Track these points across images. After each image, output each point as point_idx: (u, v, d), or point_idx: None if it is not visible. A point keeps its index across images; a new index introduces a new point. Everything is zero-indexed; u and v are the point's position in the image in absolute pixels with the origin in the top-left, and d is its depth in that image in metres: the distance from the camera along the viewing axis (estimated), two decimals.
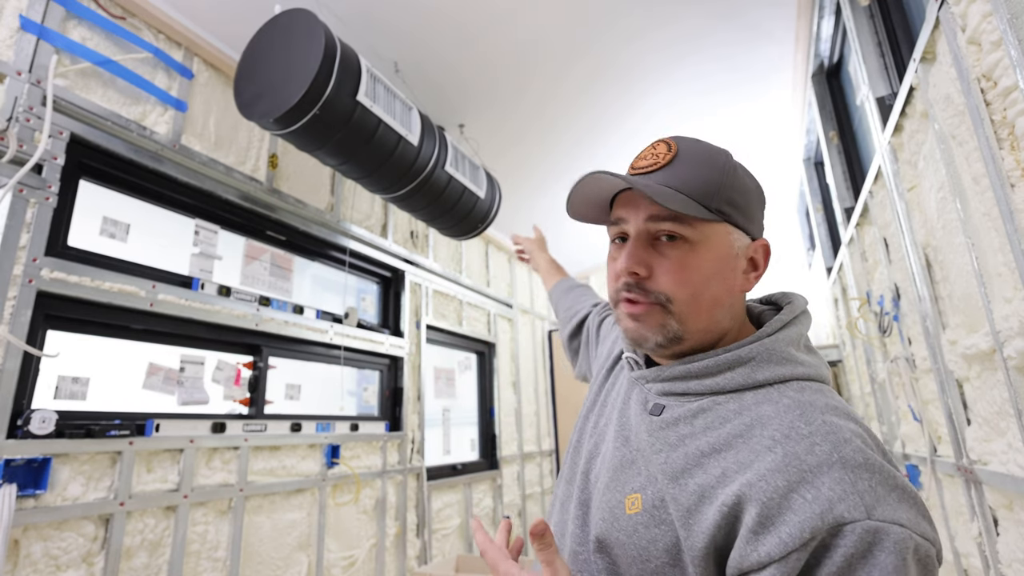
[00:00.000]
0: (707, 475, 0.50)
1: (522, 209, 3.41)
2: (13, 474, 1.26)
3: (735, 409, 0.54)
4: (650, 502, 0.53)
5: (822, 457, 0.46)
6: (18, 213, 1.35)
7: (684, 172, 0.57)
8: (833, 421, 0.49)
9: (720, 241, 0.57)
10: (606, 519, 0.56)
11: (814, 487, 0.45)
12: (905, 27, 1.42)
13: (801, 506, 0.44)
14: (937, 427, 1.42)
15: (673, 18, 1.91)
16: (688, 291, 0.56)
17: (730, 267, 0.58)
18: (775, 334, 0.57)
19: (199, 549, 1.64)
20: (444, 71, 2.13)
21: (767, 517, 0.45)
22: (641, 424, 0.59)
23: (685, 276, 0.56)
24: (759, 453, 0.48)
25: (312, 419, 2.10)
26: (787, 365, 0.56)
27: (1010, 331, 0.86)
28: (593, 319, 0.98)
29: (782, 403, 0.52)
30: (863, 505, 0.43)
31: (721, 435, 0.52)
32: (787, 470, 0.46)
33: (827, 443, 0.47)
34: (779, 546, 0.43)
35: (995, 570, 1.07)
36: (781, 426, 0.50)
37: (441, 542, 2.75)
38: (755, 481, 0.47)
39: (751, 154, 2.93)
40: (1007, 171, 0.79)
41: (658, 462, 0.54)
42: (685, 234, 0.56)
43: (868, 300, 1.90)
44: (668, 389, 0.59)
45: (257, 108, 1.57)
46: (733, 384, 0.55)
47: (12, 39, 1.40)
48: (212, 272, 1.85)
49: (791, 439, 0.48)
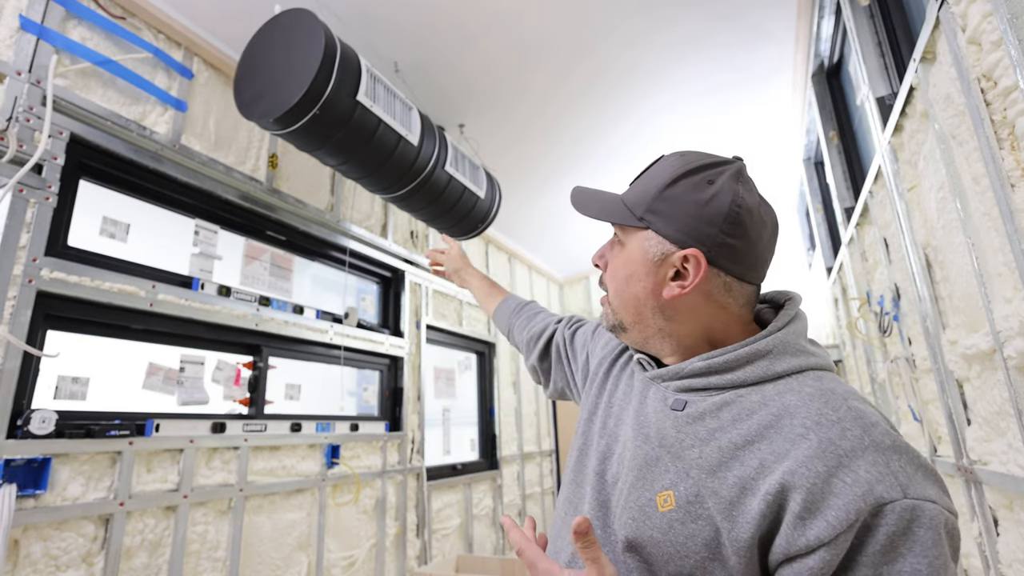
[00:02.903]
0: (745, 467, 0.52)
1: (522, 209, 3.40)
2: (13, 474, 1.26)
3: (759, 401, 0.56)
4: (684, 498, 0.54)
5: (855, 441, 0.49)
6: (18, 213, 1.35)
7: (640, 182, 0.65)
8: (857, 407, 0.52)
9: (636, 247, 0.64)
10: (636, 518, 0.56)
11: (852, 471, 0.47)
12: (905, 27, 1.42)
13: (843, 490, 0.46)
14: (937, 427, 1.42)
15: (674, 19, 1.91)
16: (613, 285, 0.67)
17: (646, 271, 0.63)
18: (786, 327, 0.60)
19: (199, 549, 1.64)
20: (444, 71, 2.13)
21: (812, 503, 0.47)
22: (665, 420, 0.60)
23: (612, 272, 0.67)
24: (794, 441, 0.50)
25: (312, 419, 2.10)
26: (802, 356, 0.58)
27: (1010, 331, 0.86)
28: (561, 335, 0.97)
29: (804, 392, 0.54)
30: (899, 485, 0.46)
31: (751, 427, 0.54)
32: (824, 456, 0.48)
33: (857, 427, 0.50)
34: (827, 529, 0.45)
35: (995, 570, 1.07)
36: (810, 414, 0.52)
37: (441, 542, 2.75)
38: (796, 468, 0.48)
39: (751, 154, 2.93)
40: (1007, 171, 0.79)
41: (691, 457, 0.55)
42: (620, 237, 0.66)
43: (868, 300, 1.90)
44: (688, 385, 0.61)
45: (257, 108, 1.57)
46: (754, 377, 0.57)
47: (12, 39, 1.40)
48: (212, 272, 1.85)
49: (822, 426, 0.50)
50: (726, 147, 2.84)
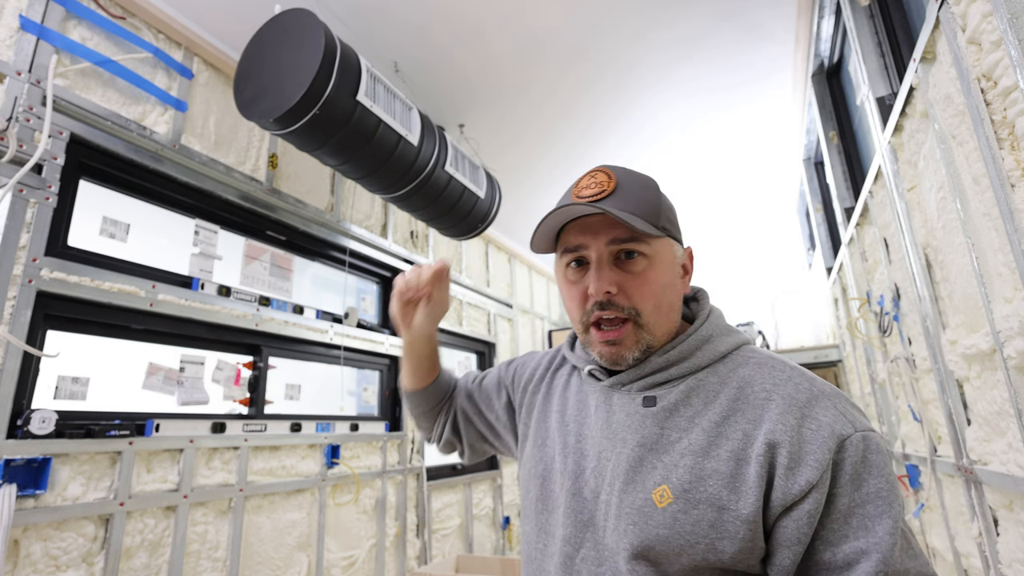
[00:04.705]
0: (731, 441, 0.57)
1: (522, 209, 3.40)
2: (13, 474, 1.26)
3: (717, 381, 0.62)
4: (680, 487, 0.56)
5: (807, 393, 0.58)
6: (18, 213, 1.35)
7: (631, 196, 0.64)
8: (792, 365, 0.62)
9: (667, 253, 0.66)
10: (637, 522, 0.57)
11: (814, 418, 0.56)
12: (905, 27, 1.42)
13: (812, 436, 0.54)
14: (937, 427, 1.42)
15: (674, 19, 1.91)
16: (652, 302, 0.63)
17: (675, 274, 0.67)
18: (713, 314, 0.68)
19: (199, 549, 1.64)
20: (444, 71, 2.13)
21: (794, 452, 0.54)
22: (644, 420, 0.62)
23: (648, 288, 0.63)
24: (762, 406, 0.58)
25: (312, 419, 2.10)
26: (733, 335, 0.67)
27: (1010, 331, 0.86)
28: (464, 392, 0.91)
29: (751, 363, 0.63)
30: (848, 422, 0.55)
31: (722, 404, 0.60)
32: (791, 409, 0.56)
33: (804, 381, 0.59)
34: (814, 471, 0.53)
35: (995, 570, 1.07)
36: (765, 380, 0.60)
37: (441, 542, 2.75)
38: (774, 427, 0.56)
39: (751, 154, 2.93)
40: (1007, 171, 0.79)
41: (682, 447, 0.59)
42: (644, 251, 0.63)
43: (868, 300, 1.90)
44: (652, 382, 0.64)
45: (257, 108, 1.57)
46: (706, 359, 0.64)
47: (12, 39, 1.40)
48: (212, 272, 1.85)
49: (779, 385, 0.59)
50: (726, 147, 2.84)
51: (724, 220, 3.77)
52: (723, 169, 3.08)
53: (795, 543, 0.53)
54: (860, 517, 0.52)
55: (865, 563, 0.51)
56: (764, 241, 4.16)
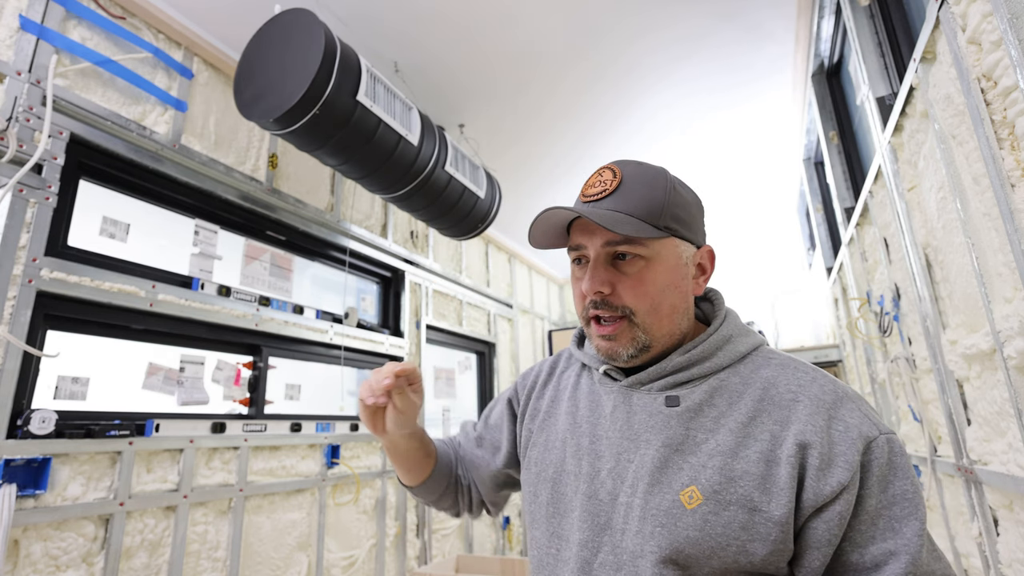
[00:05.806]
0: (760, 442, 0.57)
1: (522, 209, 3.40)
2: (13, 474, 1.26)
3: (739, 381, 0.62)
4: (709, 488, 0.55)
5: (831, 395, 0.57)
6: (18, 213, 1.35)
7: (632, 196, 0.63)
8: (813, 367, 0.62)
9: (670, 254, 0.64)
10: (665, 524, 0.55)
11: (841, 420, 0.56)
12: (905, 27, 1.42)
13: (841, 437, 0.55)
14: (937, 427, 1.41)
15: (673, 19, 1.91)
16: (647, 303, 0.63)
17: (681, 276, 0.65)
18: (730, 315, 0.68)
19: (199, 549, 1.64)
20: (444, 71, 2.13)
21: (825, 454, 0.54)
22: (668, 420, 0.60)
23: (643, 290, 0.63)
24: (789, 407, 0.57)
25: (312, 419, 2.10)
26: (751, 336, 0.67)
27: (1010, 331, 0.86)
28: (476, 440, 0.87)
29: (772, 364, 0.63)
30: (872, 424, 0.56)
31: (747, 405, 0.59)
32: (819, 411, 0.56)
33: (827, 383, 0.59)
34: (846, 471, 0.53)
35: (995, 570, 1.07)
36: (789, 381, 0.60)
37: (441, 542, 2.75)
38: (804, 428, 0.55)
39: (751, 154, 2.93)
40: (1007, 171, 0.79)
41: (709, 448, 0.58)
42: (640, 252, 0.63)
43: (868, 300, 1.90)
44: (673, 381, 0.63)
45: (257, 108, 1.57)
46: (727, 359, 0.63)
47: (12, 39, 1.40)
48: (212, 272, 1.85)
49: (804, 387, 0.58)
50: (726, 147, 2.84)
51: (724, 220, 3.77)
52: (723, 169, 3.08)
53: (825, 544, 0.53)
54: (887, 519, 0.53)
55: (894, 564, 0.51)
56: (764, 241, 4.16)
